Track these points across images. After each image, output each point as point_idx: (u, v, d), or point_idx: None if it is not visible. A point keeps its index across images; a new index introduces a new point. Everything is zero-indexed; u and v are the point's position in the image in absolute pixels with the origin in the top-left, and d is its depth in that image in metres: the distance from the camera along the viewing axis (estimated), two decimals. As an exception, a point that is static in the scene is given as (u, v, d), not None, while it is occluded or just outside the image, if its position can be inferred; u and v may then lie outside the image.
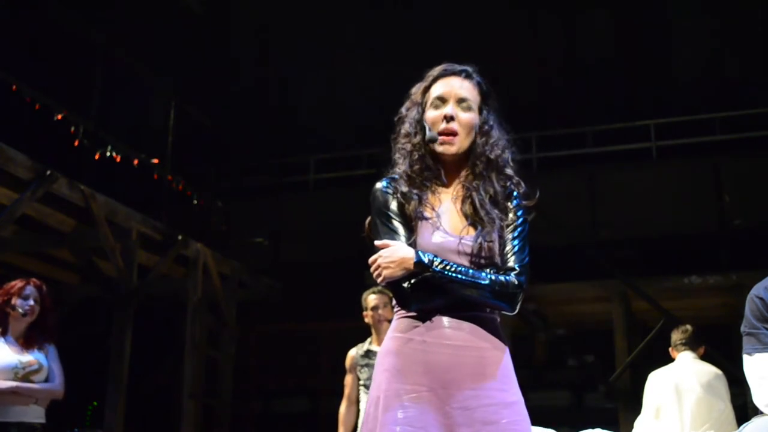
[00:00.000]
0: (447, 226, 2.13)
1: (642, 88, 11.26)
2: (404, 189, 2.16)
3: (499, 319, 2.15)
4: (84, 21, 8.30)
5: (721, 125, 10.13)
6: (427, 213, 2.13)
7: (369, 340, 4.88)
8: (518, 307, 2.10)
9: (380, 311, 4.80)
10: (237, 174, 11.54)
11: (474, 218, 2.12)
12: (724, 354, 7.26)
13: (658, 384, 4.82)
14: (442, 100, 2.21)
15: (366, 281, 8.05)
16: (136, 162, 8.63)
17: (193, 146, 9.98)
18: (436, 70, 2.27)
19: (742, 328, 2.76)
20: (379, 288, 4.94)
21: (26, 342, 4.07)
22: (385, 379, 2.08)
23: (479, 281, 2.03)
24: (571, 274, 8.82)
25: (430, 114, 2.21)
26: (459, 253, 2.08)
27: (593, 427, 4.81)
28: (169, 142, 9.00)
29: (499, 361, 2.08)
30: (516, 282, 2.08)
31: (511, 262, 2.10)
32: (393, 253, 2.04)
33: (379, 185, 2.22)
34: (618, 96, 10.99)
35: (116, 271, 7.45)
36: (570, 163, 10.31)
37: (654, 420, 4.78)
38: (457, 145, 2.18)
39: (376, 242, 2.10)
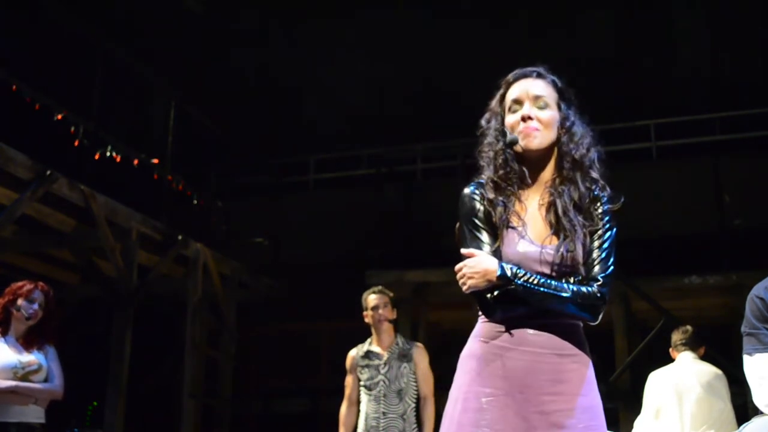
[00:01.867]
0: (531, 234, 2.13)
1: (642, 88, 11.26)
2: (490, 196, 2.16)
3: (581, 326, 2.19)
4: (84, 21, 8.30)
5: (721, 125, 10.13)
6: (513, 221, 2.14)
7: (369, 340, 4.88)
8: (600, 317, 2.14)
9: (380, 311, 4.81)
10: (237, 174, 11.53)
11: (558, 226, 2.12)
12: (724, 354, 7.25)
13: (658, 384, 4.82)
14: (518, 102, 2.21)
15: (366, 281, 8.06)
16: (136, 162, 8.63)
17: (193, 146, 9.98)
18: (510, 77, 2.28)
19: (743, 329, 2.76)
20: (379, 288, 4.95)
21: (26, 342, 4.07)
22: (466, 381, 2.13)
23: (561, 294, 2.05)
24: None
25: (509, 119, 2.21)
26: (542, 262, 2.10)
27: (593, 427, 4.80)
28: (169, 142, 9.00)
29: (578, 367, 2.13)
30: (598, 294, 2.09)
31: (595, 271, 2.10)
32: (477, 264, 2.06)
33: (467, 191, 2.21)
34: (618, 96, 10.98)
35: (116, 271, 7.45)
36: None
37: (654, 420, 4.78)
38: (539, 138, 2.17)
39: (463, 250, 2.12)
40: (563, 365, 2.10)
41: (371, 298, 4.86)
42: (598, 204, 2.16)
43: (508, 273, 2.03)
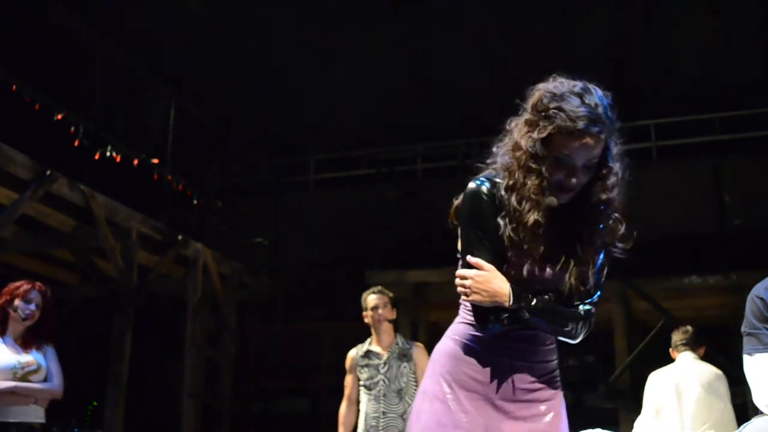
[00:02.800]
0: (541, 255, 2.05)
1: (642, 88, 11.25)
2: (511, 209, 2.03)
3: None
4: (84, 21, 8.30)
5: (721, 125, 10.13)
6: (527, 238, 2.02)
7: (369, 340, 4.88)
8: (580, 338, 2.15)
9: (380, 311, 4.80)
10: (237, 174, 11.54)
11: (569, 254, 2.07)
12: (724, 354, 7.26)
13: (658, 384, 4.82)
14: (570, 160, 2.01)
15: (366, 281, 8.06)
16: (136, 162, 8.63)
17: (193, 146, 9.98)
18: (579, 124, 1.99)
19: (743, 329, 2.76)
20: (379, 288, 4.95)
21: (25, 342, 4.07)
22: (443, 380, 2.11)
23: (559, 325, 2.07)
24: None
25: (554, 171, 2.02)
26: (545, 282, 2.07)
27: (593, 427, 4.81)
28: (169, 142, 9.00)
29: (552, 373, 2.19)
30: (588, 319, 2.10)
31: (590, 295, 2.10)
32: (486, 281, 2.00)
33: (484, 188, 2.08)
34: (618, 96, 10.97)
35: (116, 271, 7.45)
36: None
37: (654, 420, 4.78)
38: (571, 196, 2.06)
39: (471, 259, 2.03)
40: (537, 371, 2.13)
41: (371, 298, 4.86)
42: (610, 240, 2.15)
43: (520, 302, 1.99)
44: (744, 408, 5.43)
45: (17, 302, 4.07)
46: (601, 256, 2.14)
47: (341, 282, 9.02)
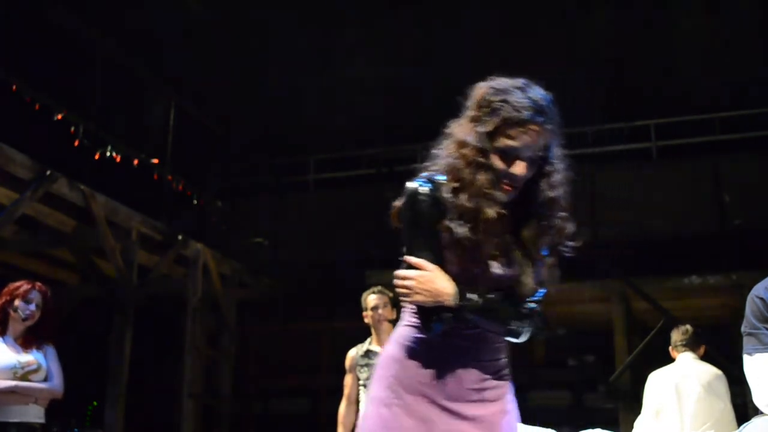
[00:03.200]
0: (490, 255, 2.03)
1: (642, 88, 11.26)
2: (454, 209, 2.01)
3: None
4: (84, 21, 8.30)
5: (721, 125, 10.13)
6: (468, 235, 1.99)
7: (369, 340, 4.88)
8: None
9: (380, 311, 4.81)
10: (237, 174, 11.54)
11: (516, 254, 2.05)
12: (724, 354, 7.26)
13: (658, 384, 4.82)
14: (515, 152, 2.01)
15: (366, 281, 8.06)
16: (136, 162, 8.63)
17: (193, 146, 9.98)
18: (523, 113, 2.00)
19: (743, 329, 2.76)
20: (379, 288, 4.95)
21: (25, 342, 4.07)
22: (383, 387, 2.07)
23: (503, 323, 2.03)
24: (571, 274, 8.79)
25: (497, 162, 2.01)
26: (493, 282, 2.03)
27: (593, 427, 4.81)
28: (169, 142, 9.00)
29: (503, 373, 2.11)
30: (533, 317, 2.07)
31: (533, 294, 2.08)
32: (429, 282, 1.96)
33: (424, 189, 2.06)
34: (618, 96, 10.98)
35: (116, 271, 7.45)
36: (570, 163, 10.29)
37: (654, 420, 4.78)
38: (512, 194, 2.04)
39: (413, 260, 2.00)
40: (487, 369, 2.07)
41: (371, 298, 4.86)
42: (558, 241, 2.12)
43: (463, 302, 1.95)
44: (744, 408, 5.42)
45: (17, 302, 4.07)
46: (556, 260, 2.13)
47: (341, 282, 9.02)
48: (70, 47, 8.37)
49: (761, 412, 2.72)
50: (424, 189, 2.06)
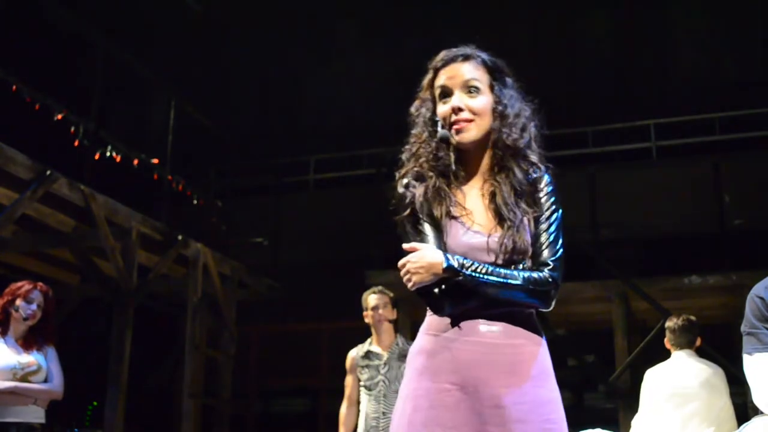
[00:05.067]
0: (476, 224, 2.03)
1: (642, 88, 11.26)
2: (428, 189, 2.05)
3: (535, 313, 2.07)
4: (84, 21, 8.30)
5: (721, 125, 10.13)
6: (456, 211, 2.04)
7: (369, 340, 4.88)
8: (553, 302, 2.03)
9: (380, 311, 4.81)
10: (237, 174, 11.54)
11: (501, 215, 2.02)
12: (724, 354, 7.26)
13: (655, 382, 4.81)
14: (447, 91, 2.09)
15: (366, 281, 8.06)
16: (136, 162, 8.63)
17: (193, 146, 9.98)
18: (437, 61, 2.13)
19: (743, 328, 2.76)
20: (379, 288, 4.95)
21: (25, 343, 4.08)
22: (416, 378, 2.02)
23: (511, 281, 1.95)
24: (571, 274, 8.79)
25: (440, 109, 2.09)
26: (489, 251, 2.00)
27: (593, 427, 4.81)
28: (169, 142, 9.00)
29: (534, 356, 2.01)
30: (550, 279, 2.00)
31: (545, 255, 2.02)
32: (421, 258, 1.95)
33: (403, 184, 2.11)
34: (618, 96, 10.98)
35: (116, 271, 7.44)
36: (570, 163, 10.30)
37: (652, 419, 4.77)
38: (474, 130, 2.05)
39: (404, 246, 2.00)
40: (517, 356, 1.98)
41: (371, 298, 4.86)
42: (541, 186, 2.08)
43: (455, 264, 1.92)
44: (744, 408, 5.43)
45: (19, 302, 4.08)
46: (550, 212, 2.07)
47: (341, 282, 9.01)
48: (69, 47, 8.38)
49: (761, 412, 2.72)
50: (403, 182, 2.12)
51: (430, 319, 2.07)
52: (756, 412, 2.80)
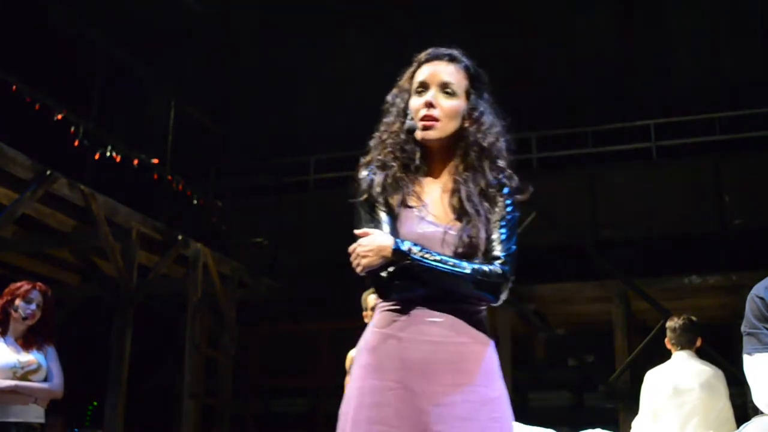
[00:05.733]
0: (432, 216, 2.05)
1: (642, 88, 11.26)
2: (388, 178, 2.09)
3: (484, 312, 2.06)
4: (84, 21, 8.30)
5: (721, 125, 10.13)
6: (412, 202, 2.06)
7: (369, 340, 4.88)
8: (503, 297, 2.01)
9: (380, 311, 4.80)
10: (237, 174, 11.53)
11: (461, 211, 2.04)
12: (724, 354, 7.26)
13: (655, 384, 4.80)
14: (425, 86, 2.13)
15: (366, 281, 8.05)
16: (136, 162, 8.63)
17: (193, 146, 9.98)
18: (422, 56, 2.19)
19: (743, 328, 2.76)
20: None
21: (25, 342, 4.08)
22: (361, 375, 2.01)
23: (460, 270, 1.95)
24: (571, 274, 8.81)
25: (413, 102, 2.13)
26: (443, 243, 2.00)
27: (593, 427, 4.80)
28: (169, 142, 9.00)
29: (480, 355, 2.00)
30: (500, 271, 1.98)
31: (497, 251, 2.01)
32: (371, 242, 1.97)
33: (362, 173, 2.16)
34: (618, 96, 10.98)
35: (116, 271, 7.44)
36: (570, 163, 10.30)
37: (652, 421, 4.76)
38: (438, 130, 2.09)
39: (355, 231, 2.04)
40: (462, 355, 1.97)
41: (371, 298, 4.85)
42: (504, 192, 2.09)
43: (404, 248, 1.93)
44: (744, 408, 5.43)
45: (18, 302, 4.08)
46: (507, 214, 2.07)
47: (341, 282, 9.01)
48: (69, 47, 8.37)
49: (761, 412, 2.72)
50: (363, 172, 2.18)
51: (378, 316, 2.07)
52: (756, 412, 2.80)
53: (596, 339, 9.75)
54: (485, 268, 1.97)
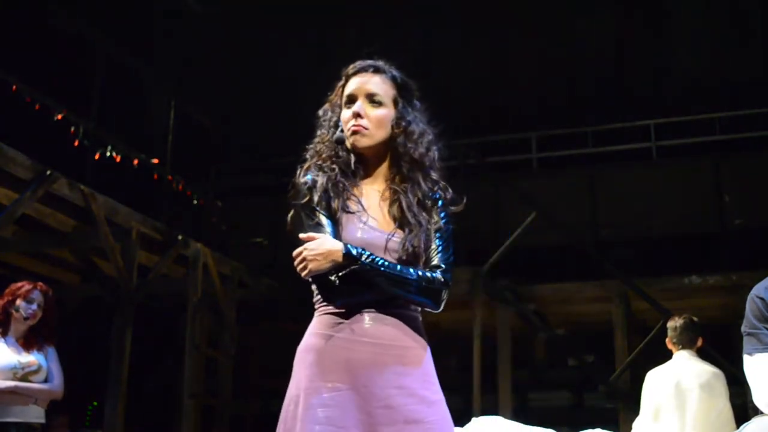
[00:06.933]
0: (372, 220, 2.10)
1: (642, 88, 11.26)
2: (329, 181, 2.12)
3: (421, 318, 2.12)
4: (84, 21, 8.30)
5: (721, 125, 10.13)
6: (352, 207, 2.11)
7: (369, 340, 4.87)
8: (443, 305, 2.08)
9: (380, 311, 4.80)
10: (237, 174, 11.53)
11: (402, 221, 2.09)
12: (724, 354, 7.26)
13: (656, 384, 4.81)
14: (352, 98, 2.19)
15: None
16: (136, 162, 8.62)
17: (193, 146, 9.98)
18: (349, 69, 2.26)
19: (743, 329, 2.76)
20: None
21: (26, 343, 4.08)
22: (306, 376, 2.05)
23: (407, 276, 2.00)
24: (571, 274, 8.82)
25: (343, 114, 2.20)
26: (386, 249, 2.05)
27: (593, 427, 4.81)
28: (169, 142, 9.00)
29: (420, 360, 2.05)
30: (442, 279, 2.05)
31: (437, 260, 2.08)
32: (320, 246, 1.99)
33: (301, 179, 2.18)
34: (618, 96, 10.98)
35: (116, 271, 7.44)
36: (570, 163, 10.30)
37: (653, 422, 4.76)
38: (368, 137, 2.14)
39: (301, 235, 2.04)
40: (406, 358, 2.03)
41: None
42: (439, 204, 2.15)
43: (354, 252, 1.97)
44: (744, 408, 5.43)
45: (19, 302, 4.08)
46: (444, 225, 2.13)
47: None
48: (69, 47, 8.37)
49: (761, 412, 2.72)
50: (303, 177, 2.19)
51: (319, 319, 2.12)
52: (756, 412, 2.80)
53: (596, 339, 9.75)
54: (429, 275, 2.04)
